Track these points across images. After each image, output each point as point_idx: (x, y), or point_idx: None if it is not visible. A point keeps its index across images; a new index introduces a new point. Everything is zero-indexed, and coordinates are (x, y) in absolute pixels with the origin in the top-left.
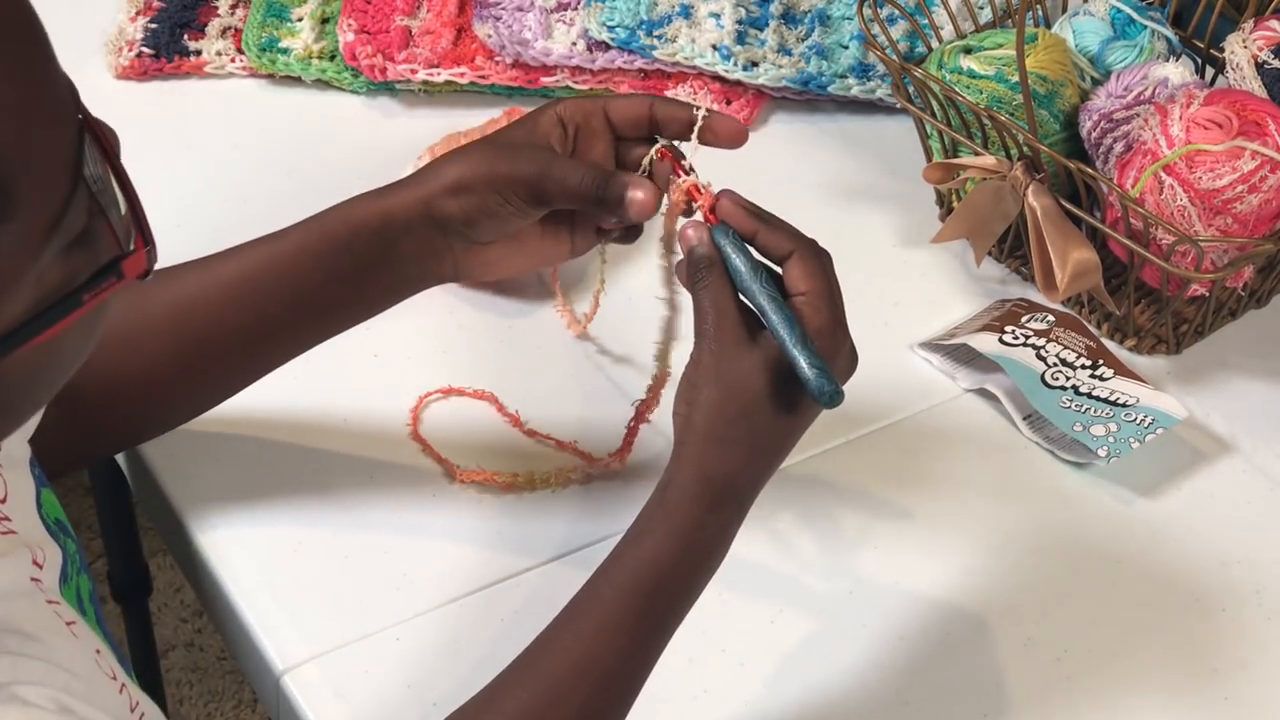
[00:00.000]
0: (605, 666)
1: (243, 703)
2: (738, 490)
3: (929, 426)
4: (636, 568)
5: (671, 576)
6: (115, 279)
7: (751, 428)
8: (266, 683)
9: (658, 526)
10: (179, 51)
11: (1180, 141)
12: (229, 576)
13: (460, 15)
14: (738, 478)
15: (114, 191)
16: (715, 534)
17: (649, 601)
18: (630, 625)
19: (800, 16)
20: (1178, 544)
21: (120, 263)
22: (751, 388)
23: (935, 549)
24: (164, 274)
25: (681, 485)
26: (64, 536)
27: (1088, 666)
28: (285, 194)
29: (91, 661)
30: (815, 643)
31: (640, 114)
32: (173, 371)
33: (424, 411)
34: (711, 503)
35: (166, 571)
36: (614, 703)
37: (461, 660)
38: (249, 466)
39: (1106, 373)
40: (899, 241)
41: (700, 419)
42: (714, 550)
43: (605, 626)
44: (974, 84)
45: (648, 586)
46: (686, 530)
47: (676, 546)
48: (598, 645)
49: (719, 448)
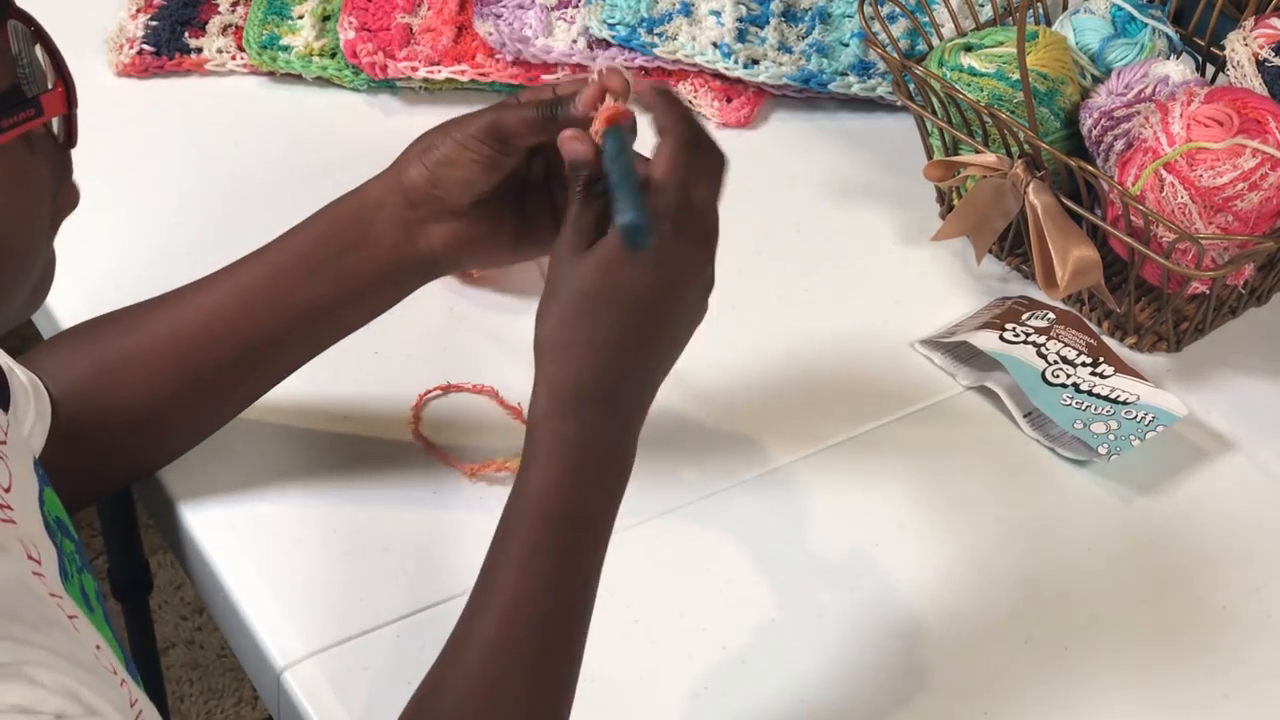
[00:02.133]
0: (539, 606)
1: (243, 700)
2: (596, 394)
3: (929, 424)
4: (530, 500)
5: (566, 499)
6: (34, 111)
7: (589, 327)
8: (266, 680)
9: (532, 456)
10: (180, 49)
11: (1181, 139)
12: (229, 573)
13: (461, 13)
14: (587, 380)
15: (29, 43)
16: (595, 444)
17: (553, 530)
18: (543, 559)
19: (801, 14)
20: (1178, 541)
21: (40, 96)
22: (580, 287)
23: (935, 546)
24: (156, 301)
25: (536, 405)
26: (62, 536)
27: (1088, 664)
28: (285, 191)
29: (91, 655)
30: (816, 640)
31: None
32: (172, 396)
33: (424, 410)
34: (570, 413)
35: (167, 569)
36: (560, 637)
37: None
38: (249, 464)
39: (1107, 370)
40: (899, 239)
41: (543, 333)
42: (602, 461)
43: (524, 568)
44: (975, 82)
45: (544, 516)
46: (555, 448)
47: (556, 467)
48: (521, 592)
49: (561, 355)
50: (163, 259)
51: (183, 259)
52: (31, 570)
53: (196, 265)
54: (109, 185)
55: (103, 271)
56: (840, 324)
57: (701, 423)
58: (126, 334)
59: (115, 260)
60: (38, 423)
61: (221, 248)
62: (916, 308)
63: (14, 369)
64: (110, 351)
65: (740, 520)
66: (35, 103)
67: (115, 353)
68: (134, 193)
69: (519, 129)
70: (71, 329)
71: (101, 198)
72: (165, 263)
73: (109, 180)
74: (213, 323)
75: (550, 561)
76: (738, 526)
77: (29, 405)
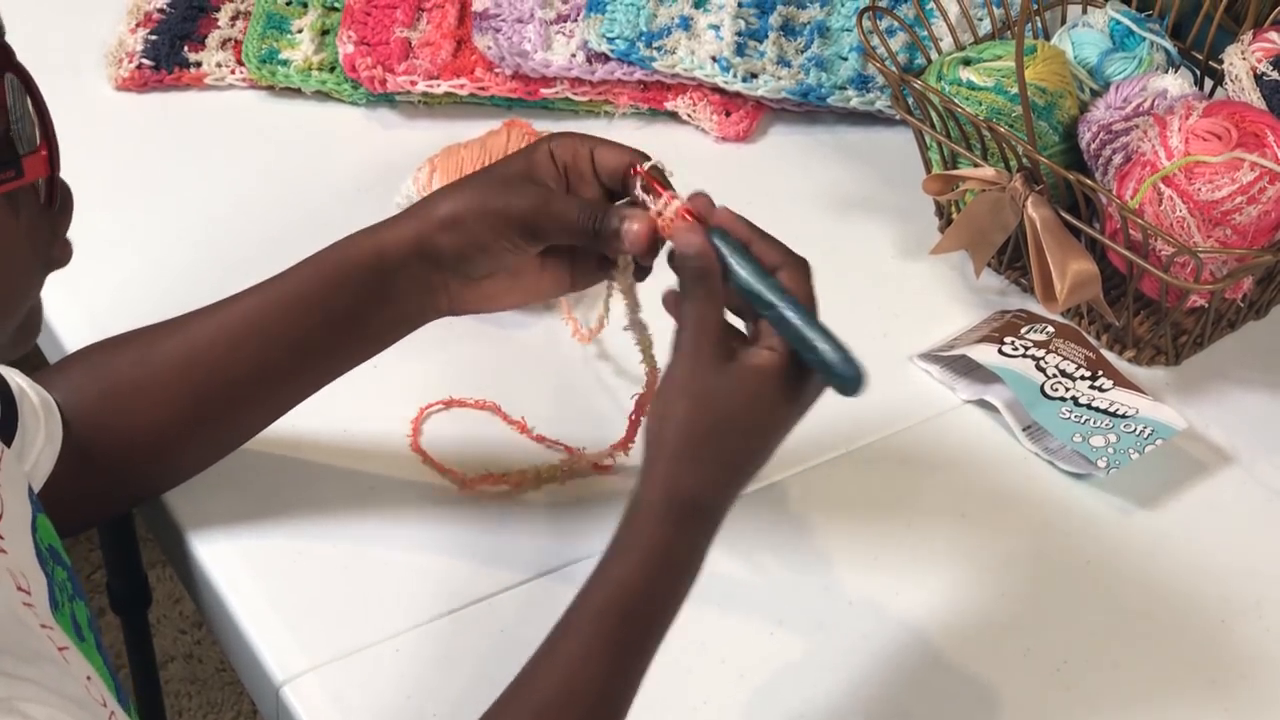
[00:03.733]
0: (588, 693)
1: (241, 714)
2: (705, 509)
3: (928, 438)
4: (610, 592)
5: (645, 597)
6: (15, 174)
7: (722, 445)
8: (266, 694)
9: (628, 548)
10: (179, 63)
11: (1179, 153)
12: (228, 587)
13: (460, 27)
14: (705, 496)
15: (23, 97)
16: (685, 553)
17: (625, 624)
18: (608, 650)
19: (799, 28)
20: (1177, 555)
21: (22, 158)
22: (725, 404)
23: (934, 560)
24: (169, 325)
25: (649, 505)
26: (54, 564)
27: (1087, 677)
28: (285, 205)
29: (82, 687)
30: (814, 654)
31: (621, 168)
32: (182, 420)
33: (424, 424)
34: (678, 522)
35: (166, 583)
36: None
37: (461, 672)
38: (248, 477)
39: (1106, 384)
40: (898, 253)
41: (670, 436)
42: (685, 569)
43: (584, 655)
44: (973, 95)
45: (622, 610)
46: (655, 551)
47: (647, 568)
48: (578, 673)
49: (688, 466)
50: (162, 272)
51: (182, 271)
52: (22, 601)
53: (196, 277)
54: (107, 198)
55: (101, 284)
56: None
57: None
58: (139, 363)
59: (114, 272)
60: (47, 445)
61: (221, 261)
62: (915, 321)
63: (27, 390)
64: (123, 379)
65: (738, 535)
66: (17, 164)
67: (127, 381)
68: (132, 206)
69: (558, 232)
70: (83, 351)
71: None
72: (164, 275)
73: (107, 193)
74: (226, 356)
75: (611, 654)
76: (736, 541)
77: (39, 428)
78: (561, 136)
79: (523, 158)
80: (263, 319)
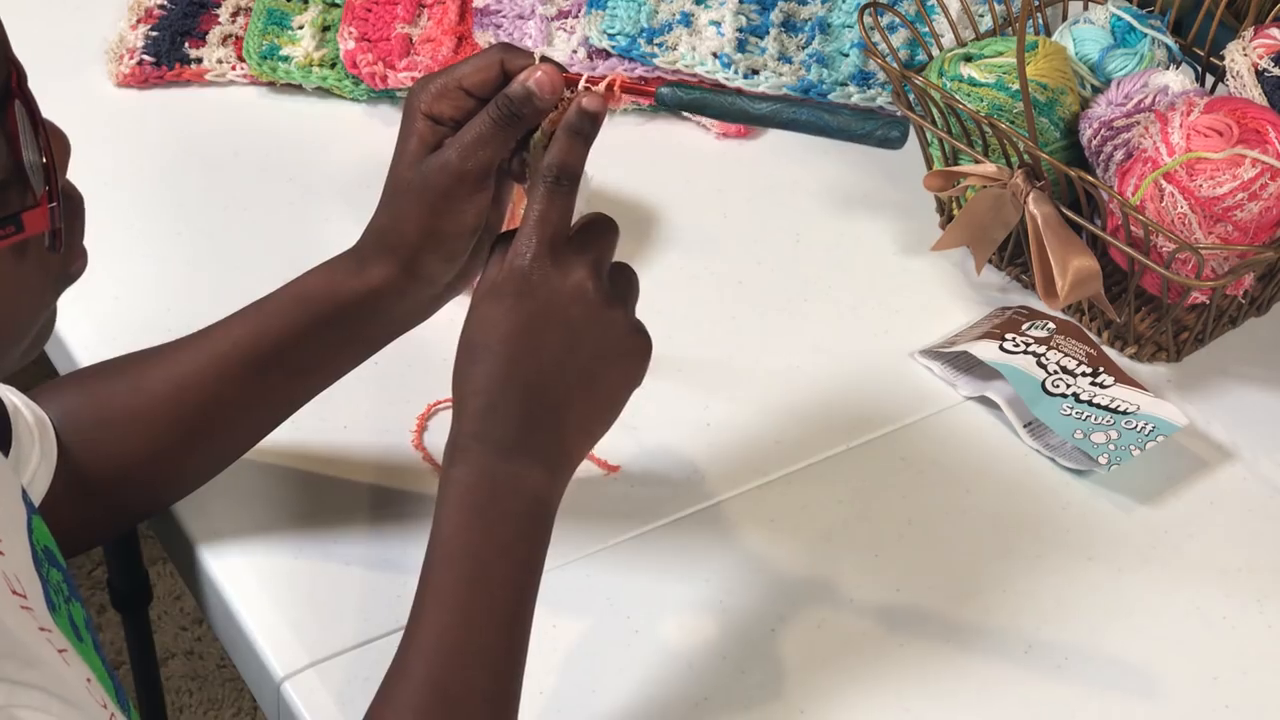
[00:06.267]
0: (453, 637)
1: (242, 710)
2: (471, 438)
3: (929, 434)
4: (432, 541)
5: (464, 534)
6: (14, 229)
7: (470, 376)
8: (266, 690)
9: (437, 500)
10: (180, 59)
11: (1180, 149)
12: (229, 583)
13: (461, 23)
14: (463, 428)
15: (34, 146)
16: (472, 485)
17: (459, 563)
18: (453, 592)
19: (801, 24)
20: (1178, 551)
21: (20, 214)
22: (463, 337)
23: (935, 556)
24: (160, 352)
25: (463, 439)
26: (49, 565)
27: (1088, 674)
28: (286, 202)
29: (83, 690)
30: (815, 650)
31: (492, 74)
32: (176, 444)
33: (429, 420)
34: (453, 459)
35: (166, 579)
36: (483, 670)
37: None
38: (249, 474)
39: (1107, 380)
40: (899, 249)
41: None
42: (495, 495)
43: (437, 604)
44: (974, 92)
45: (450, 552)
46: (443, 490)
47: (449, 506)
48: (437, 623)
49: (459, 405)
50: (162, 268)
51: (182, 268)
52: (19, 605)
53: (195, 275)
54: (108, 194)
55: (102, 281)
56: (840, 334)
57: (701, 432)
58: (132, 392)
59: (114, 270)
60: (42, 464)
61: (221, 258)
62: (916, 318)
63: (22, 409)
64: (115, 406)
65: (740, 530)
66: (16, 219)
67: (120, 409)
68: (133, 202)
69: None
70: (77, 374)
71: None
72: (165, 271)
73: (108, 189)
74: (216, 381)
75: (457, 594)
76: (738, 536)
77: (34, 446)
78: (418, 87)
79: (409, 153)
80: (251, 347)
